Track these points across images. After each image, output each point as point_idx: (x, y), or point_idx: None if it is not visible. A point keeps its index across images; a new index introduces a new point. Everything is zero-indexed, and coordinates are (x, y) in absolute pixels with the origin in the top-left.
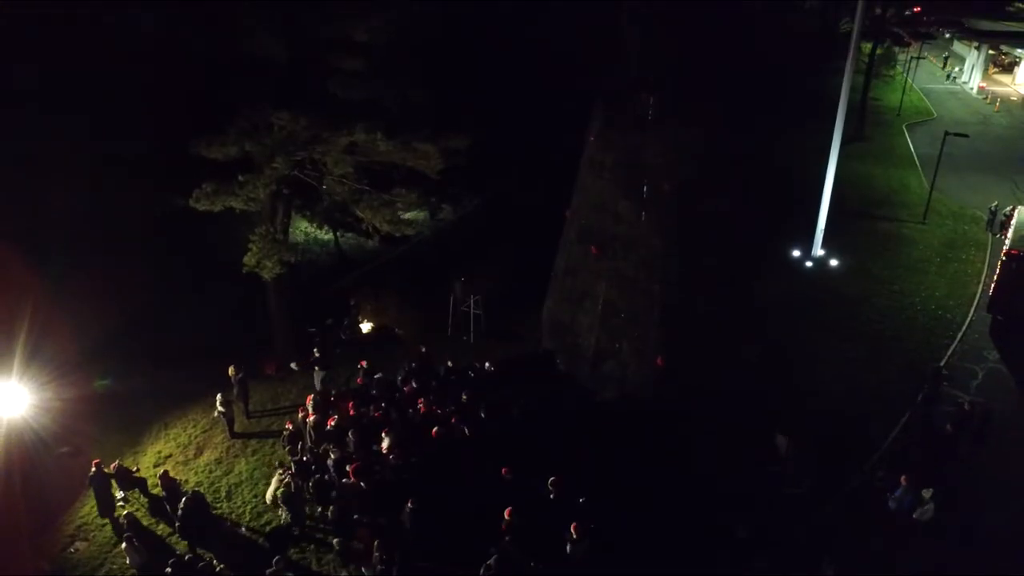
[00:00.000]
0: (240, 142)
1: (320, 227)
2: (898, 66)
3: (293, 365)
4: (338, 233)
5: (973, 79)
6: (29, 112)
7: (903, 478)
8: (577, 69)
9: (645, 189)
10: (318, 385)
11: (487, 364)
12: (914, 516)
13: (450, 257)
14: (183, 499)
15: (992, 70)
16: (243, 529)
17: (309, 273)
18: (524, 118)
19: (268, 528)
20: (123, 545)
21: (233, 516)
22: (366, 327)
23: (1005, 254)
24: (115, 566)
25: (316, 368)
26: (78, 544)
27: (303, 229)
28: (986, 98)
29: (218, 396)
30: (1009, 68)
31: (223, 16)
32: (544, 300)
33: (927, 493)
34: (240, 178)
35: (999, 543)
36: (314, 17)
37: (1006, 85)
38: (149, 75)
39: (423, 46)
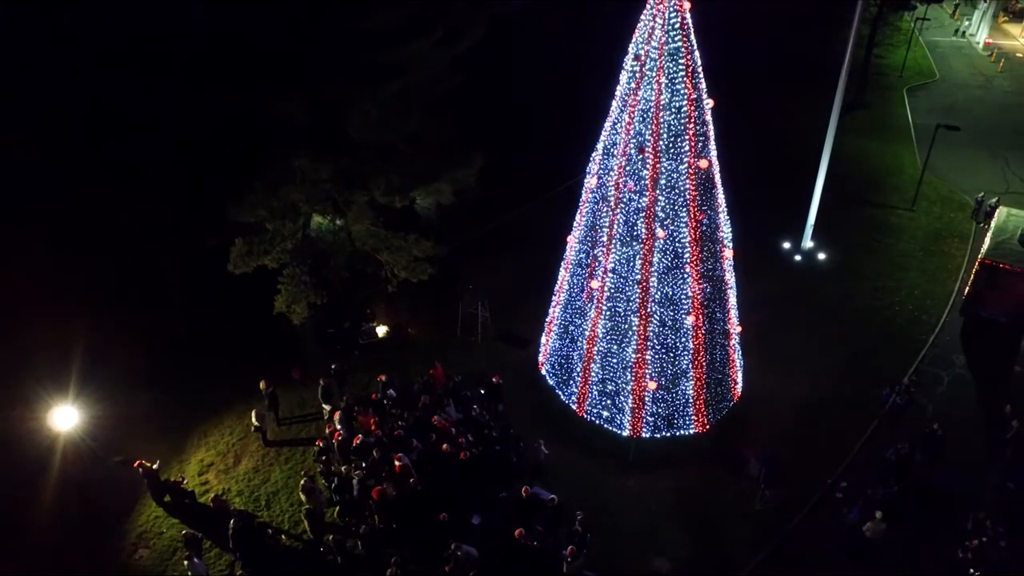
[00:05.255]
0: (268, 201)
1: (332, 222)
2: (906, 17)
3: (322, 382)
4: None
5: (981, 32)
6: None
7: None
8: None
9: (641, 224)
10: (321, 398)
11: (494, 378)
12: (863, 529)
13: (459, 262)
14: (232, 520)
15: (1002, 18)
16: (283, 537)
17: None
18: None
19: (306, 536)
20: (184, 562)
21: (274, 524)
22: (382, 330)
23: (980, 263)
24: (176, 573)
25: (321, 381)
26: (142, 551)
27: (316, 222)
28: (991, 55)
29: (252, 412)
30: (1020, 16)
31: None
32: (548, 308)
33: (879, 514)
34: (268, 227)
35: (949, 554)
36: (336, 88)
37: (1014, 38)
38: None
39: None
